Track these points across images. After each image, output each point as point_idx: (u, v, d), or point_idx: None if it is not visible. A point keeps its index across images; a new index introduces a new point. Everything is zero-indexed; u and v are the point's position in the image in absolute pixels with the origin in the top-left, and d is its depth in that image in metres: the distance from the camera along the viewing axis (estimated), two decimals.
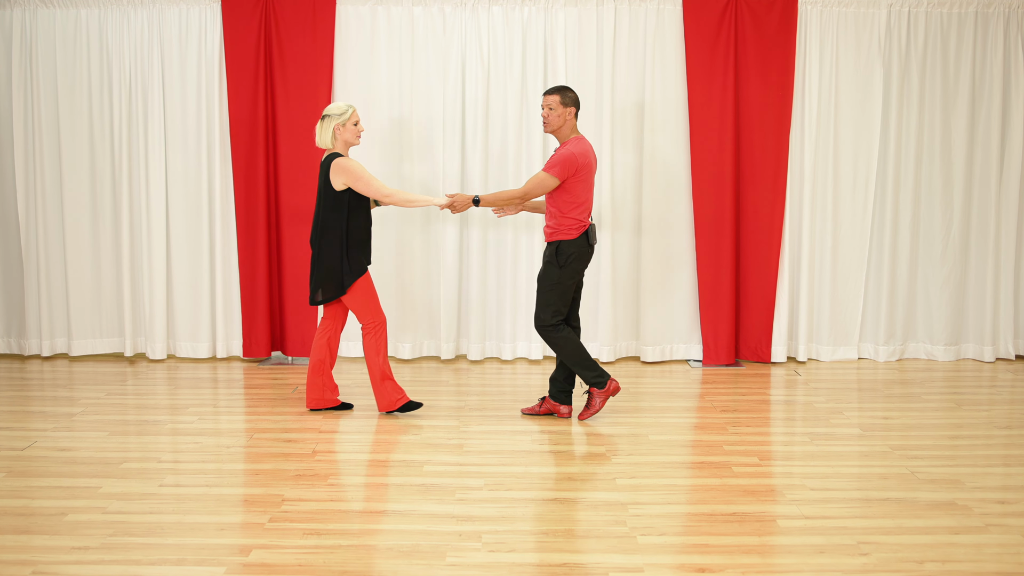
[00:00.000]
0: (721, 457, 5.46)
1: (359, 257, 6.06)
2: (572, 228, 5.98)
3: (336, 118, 6.01)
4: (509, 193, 6.08)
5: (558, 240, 6.00)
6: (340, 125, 6.01)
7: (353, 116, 6.03)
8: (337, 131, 6.02)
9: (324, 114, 6.04)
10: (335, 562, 4.04)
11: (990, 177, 7.84)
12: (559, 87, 6.05)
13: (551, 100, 5.99)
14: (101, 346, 8.00)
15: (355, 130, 6.05)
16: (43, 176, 7.77)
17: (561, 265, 6.00)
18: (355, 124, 6.05)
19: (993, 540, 4.28)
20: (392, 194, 5.99)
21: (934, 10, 7.74)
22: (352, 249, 6.03)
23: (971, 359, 8.05)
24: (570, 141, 6.01)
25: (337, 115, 6.01)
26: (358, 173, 5.93)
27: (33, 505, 4.66)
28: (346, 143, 6.06)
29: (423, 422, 6.13)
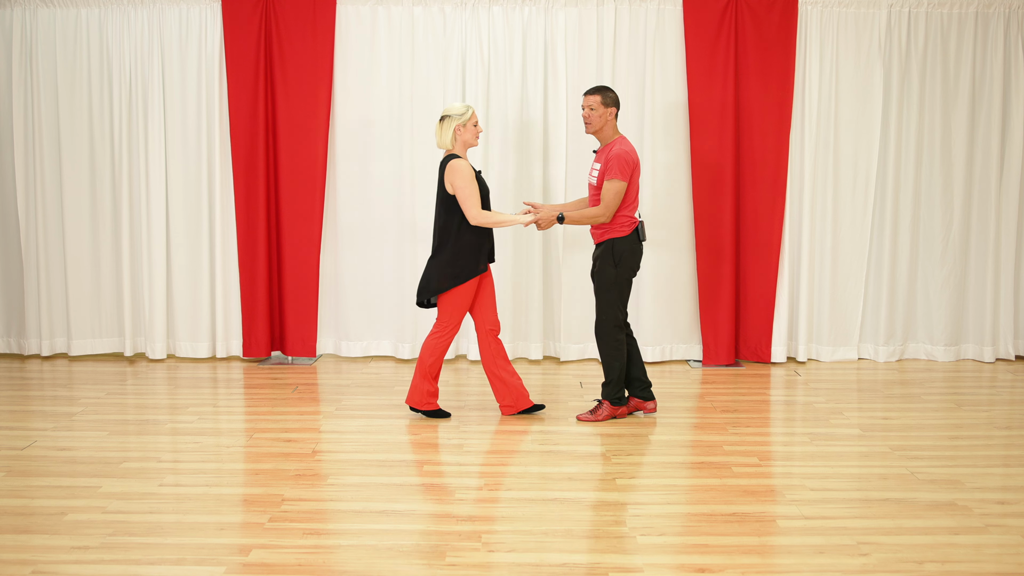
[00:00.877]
0: (721, 457, 5.46)
1: (469, 262, 5.94)
2: (624, 226, 6.03)
3: (457, 118, 5.91)
4: (594, 212, 5.98)
5: (610, 239, 6.02)
6: (460, 125, 5.92)
7: (473, 116, 5.95)
8: (458, 131, 5.93)
9: (444, 114, 5.94)
10: (335, 562, 4.04)
11: (990, 177, 7.84)
12: (600, 87, 6.07)
13: (592, 100, 6.01)
14: (101, 346, 8.00)
15: (475, 131, 5.97)
16: (43, 176, 7.77)
17: (616, 263, 6.02)
18: (475, 124, 5.97)
19: (993, 540, 4.29)
20: (479, 216, 5.85)
21: (934, 10, 7.74)
22: (463, 253, 5.93)
23: (971, 359, 8.04)
24: (615, 141, 6.04)
25: (458, 115, 5.91)
26: (462, 184, 5.83)
27: (33, 505, 4.67)
28: (465, 144, 5.98)
29: (423, 422, 6.13)
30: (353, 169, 7.79)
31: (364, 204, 7.80)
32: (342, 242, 7.85)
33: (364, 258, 7.84)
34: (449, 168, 5.87)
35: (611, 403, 6.20)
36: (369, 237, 7.83)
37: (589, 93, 6.05)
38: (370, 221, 7.82)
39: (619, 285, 6.06)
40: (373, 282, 7.88)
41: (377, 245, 7.84)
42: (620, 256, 6.03)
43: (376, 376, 7.40)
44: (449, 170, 5.87)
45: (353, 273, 7.88)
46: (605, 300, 6.09)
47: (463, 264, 5.93)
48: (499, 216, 5.96)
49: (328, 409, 6.46)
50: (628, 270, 6.08)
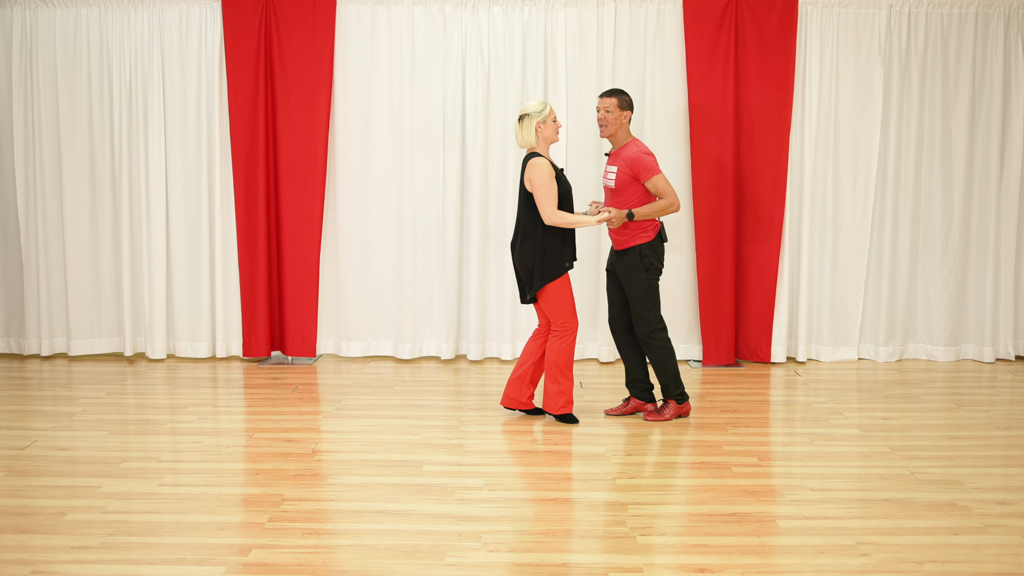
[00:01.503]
0: (721, 457, 5.46)
1: (555, 259, 5.91)
2: (648, 230, 6.03)
3: (537, 116, 5.88)
4: (662, 204, 5.96)
5: (636, 245, 6.02)
6: (541, 122, 5.89)
7: (551, 112, 5.92)
8: (539, 129, 5.90)
9: (523, 113, 5.90)
10: (334, 562, 4.04)
11: (990, 178, 7.84)
12: (616, 90, 6.07)
13: (609, 103, 6.00)
14: (101, 346, 8.00)
15: (555, 126, 5.94)
16: (43, 175, 7.77)
17: (646, 268, 6.04)
18: (554, 120, 5.94)
19: (993, 541, 4.29)
20: (553, 216, 5.80)
21: (934, 10, 7.74)
22: (549, 253, 5.90)
23: (971, 360, 8.04)
24: (630, 143, 6.05)
25: (537, 112, 5.88)
26: (542, 180, 5.79)
27: (33, 504, 4.67)
28: (547, 140, 5.94)
29: (423, 422, 6.13)
30: (353, 169, 7.79)
31: (364, 204, 7.79)
32: (342, 242, 7.85)
33: (364, 258, 7.84)
34: (530, 165, 5.84)
35: (676, 401, 6.23)
36: (369, 237, 7.83)
37: (605, 95, 6.04)
38: (370, 221, 7.82)
39: (652, 289, 6.09)
40: (373, 282, 7.88)
41: (377, 245, 7.84)
42: (649, 261, 6.04)
43: (376, 376, 7.40)
44: (530, 167, 5.84)
45: (353, 273, 7.88)
46: (642, 306, 6.09)
47: (549, 263, 5.90)
48: (574, 217, 5.90)
49: (328, 409, 6.46)
50: (657, 272, 6.10)
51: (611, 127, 6.03)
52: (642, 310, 6.10)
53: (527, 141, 5.93)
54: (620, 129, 6.05)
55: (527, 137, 5.91)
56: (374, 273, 7.87)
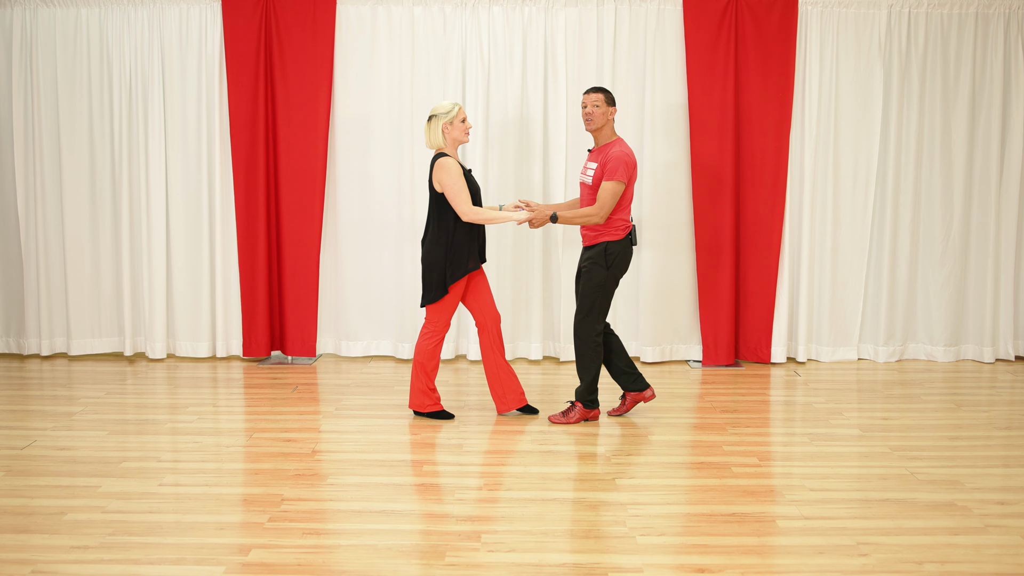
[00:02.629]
0: (721, 458, 5.46)
1: (462, 261, 5.94)
2: (619, 229, 6.00)
3: (443, 116, 5.90)
4: (588, 211, 5.93)
5: (604, 241, 6.00)
6: (448, 123, 5.91)
7: (460, 113, 5.94)
8: (446, 130, 5.92)
9: (431, 114, 5.93)
10: (334, 562, 4.04)
11: (990, 178, 7.84)
12: (601, 87, 6.11)
13: (596, 98, 6.00)
14: (100, 345, 8.00)
15: (463, 127, 5.96)
16: (43, 175, 7.77)
17: (608, 266, 5.99)
18: (463, 121, 5.95)
19: (992, 541, 4.29)
20: (471, 213, 5.84)
21: (934, 11, 7.74)
22: (458, 252, 5.92)
23: (971, 360, 8.04)
24: (614, 143, 6.03)
25: (444, 113, 5.91)
26: (452, 180, 5.83)
27: (32, 504, 4.67)
28: (455, 141, 5.97)
29: (423, 422, 6.13)
30: (353, 169, 7.79)
31: (364, 203, 7.80)
32: (342, 242, 7.85)
33: (364, 257, 7.84)
34: (437, 166, 5.87)
35: (584, 405, 6.18)
36: (369, 237, 7.83)
37: (593, 91, 6.04)
38: (370, 221, 7.82)
39: (606, 288, 6.03)
40: (373, 282, 7.88)
41: (377, 245, 7.84)
42: (612, 259, 6.00)
43: (376, 376, 7.40)
44: (437, 168, 5.87)
45: (353, 272, 7.88)
46: (590, 301, 6.04)
47: (457, 263, 5.92)
48: (492, 213, 5.96)
49: (328, 409, 6.46)
50: (618, 272, 6.06)
51: (597, 121, 6.00)
52: (588, 306, 6.04)
53: (434, 142, 5.96)
54: (606, 125, 6.04)
55: (434, 138, 5.94)
56: (374, 273, 7.87)
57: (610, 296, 6.08)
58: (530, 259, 7.76)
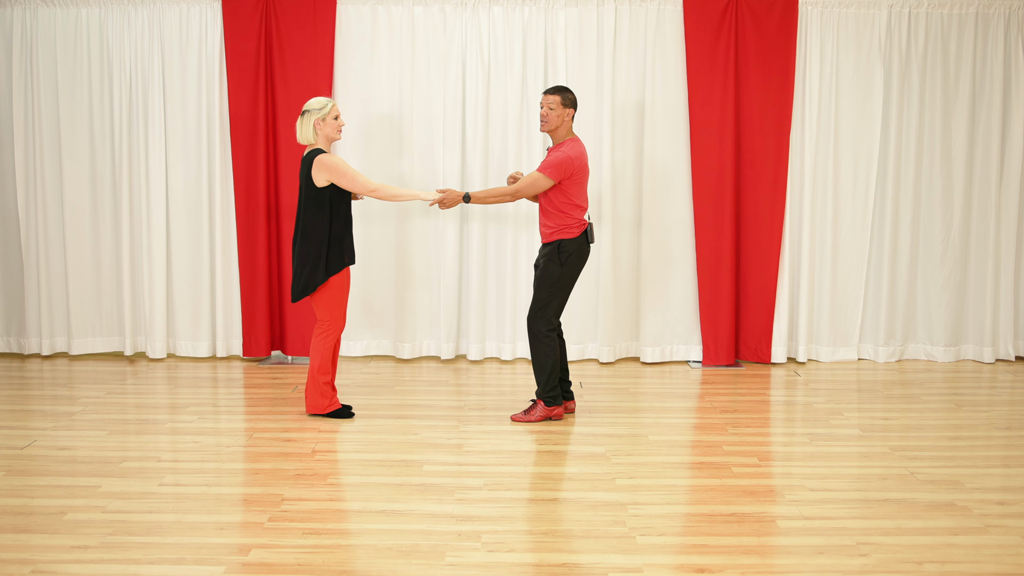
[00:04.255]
0: (721, 458, 5.46)
1: (339, 255, 5.97)
2: (572, 227, 6.03)
3: (316, 112, 5.91)
4: (500, 191, 6.09)
5: (559, 239, 6.03)
6: (320, 120, 5.92)
7: (333, 110, 5.94)
8: (317, 126, 5.93)
9: (304, 109, 5.94)
10: (334, 562, 4.04)
11: (990, 178, 7.84)
12: (560, 87, 6.07)
13: (552, 100, 6.01)
14: (101, 345, 8.00)
15: (336, 124, 5.96)
16: (43, 175, 7.77)
17: (562, 263, 6.01)
18: (335, 118, 5.96)
19: (992, 541, 4.29)
20: (378, 189, 5.93)
21: (934, 11, 7.74)
22: (333, 246, 5.95)
23: (971, 360, 8.04)
24: (566, 143, 6.04)
25: (316, 110, 5.92)
26: (342, 169, 5.87)
27: (32, 504, 4.67)
28: (327, 138, 5.98)
29: (422, 422, 6.13)
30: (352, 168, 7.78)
31: (363, 202, 7.78)
32: None
33: (364, 257, 7.82)
34: (317, 163, 5.85)
35: (545, 403, 6.19)
36: (369, 237, 7.82)
37: (550, 92, 6.05)
38: (370, 221, 7.81)
39: (562, 285, 6.06)
40: (373, 282, 7.88)
41: (377, 244, 7.83)
42: (567, 256, 6.03)
43: (376, 376, 7.40)
44: (319, 165, 5.85)
45: (353, 272, 7.86)
46: (545, 297, 6.08)
47: (334, 257, 5.94)
48: (398, 189, 6.05)
49: None
50: (573, 271, 6.08)
51: (552, 123, 6.04)
52: (543, 302, 6.08)
53: (306, 138, 5.97)
54: (561, 126, 6.06)
55: (305, 134, 5.96)
56: (374, 273, 7.87)
57: (566, 294, 6.12)
58: (529, 260, 7.75)
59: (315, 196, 5.93)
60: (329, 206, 5.93)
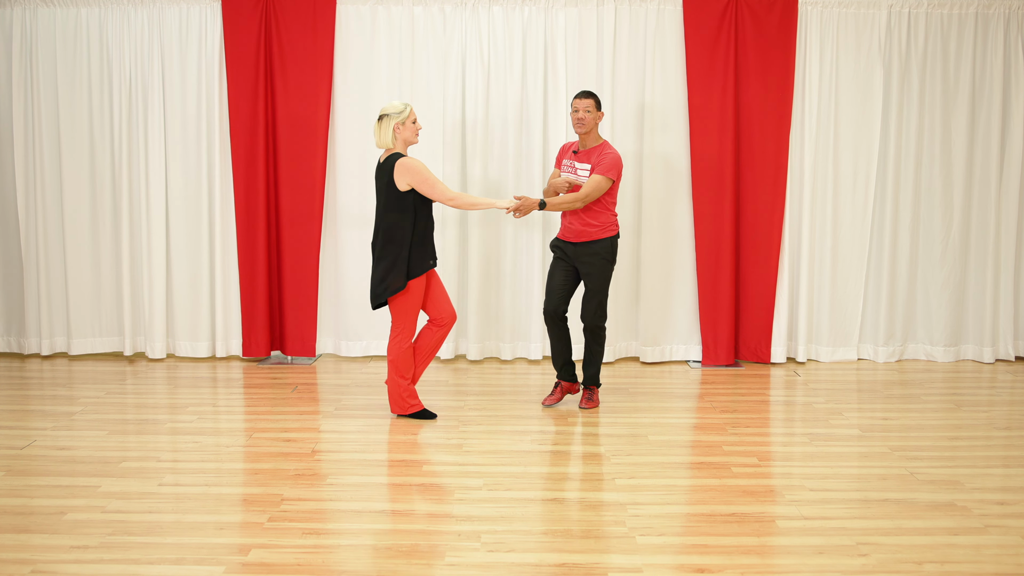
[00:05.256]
0: (720, 458, 5.46)
1: (422, 258, 5.96)
2: (615, 225, 6.35)
3: (395, 117, 5.91)
4: (571, 197, 6.20)
5: (608, 236, 6.31)
6: (400, 124, 5.91)
7: (412, 114, 5.95)
8: (397, 130, 5.92)
9: (382, 113, 5.93)
10: (334, 562, 4.04)
11: (990, 178, 7.84)
12: (591, 92, 6.36)
13: (588, 103, 6.24)
14: (100, 345, 8.00)
15: (414, 128, 5.97)
16: (43, 175, 7.77)
17: (613, 260, 6.35)
18: (414, 122, 5.97)
19: (992, 541, 4.29)
20: (456, 197, 5.92)
21: (934, 11, 7.74)
22: (415, 250, 5.93)
23: (971, 360, 8.04)
24: (604, 144, 6.33)
25: (396, 113, 5.91)
26: (424, 174, 5.85)
27: (32, 504, 4.67)
28: (406, 141, 5.97)
29: (423, 422, 6.13)
30: (353, 169, 7.78)
31: (363, 203, 7.79)
32: (342, 242, 7.85)
33: (364, 258, 7.83)
34: (401, 167, 5.85)
35: (596, 387, 6.58)
36: (369, 237, 7.81)
37: (585, 96, 6.25)
38: (370, 221, 7.80)
39: (609, 280, 6.40)
40: None
41: None
42: (615, 253, 6.37)
43: (376, 376, 7.40)
44: (402, 169, 5.85)
45: (353, 273, 7.88)
46: (602, 294, 6.36)
47: (413, 262, 5.93)
48: (476, 198, 6.07)
49: (327, 409, 6.46)
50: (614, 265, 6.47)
51: (588, 125, 6.26)
52: (603, 299, 6.36)
53: (384, 142, 5.96)
54: (595, 129, 6.32)
55: (384, 138, 5.95)
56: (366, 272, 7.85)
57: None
58: (530, 260, 7.75)
59: (397, 200, 5.92)
60: (413, 210, 5.92)
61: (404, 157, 5.90)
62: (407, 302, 6.01)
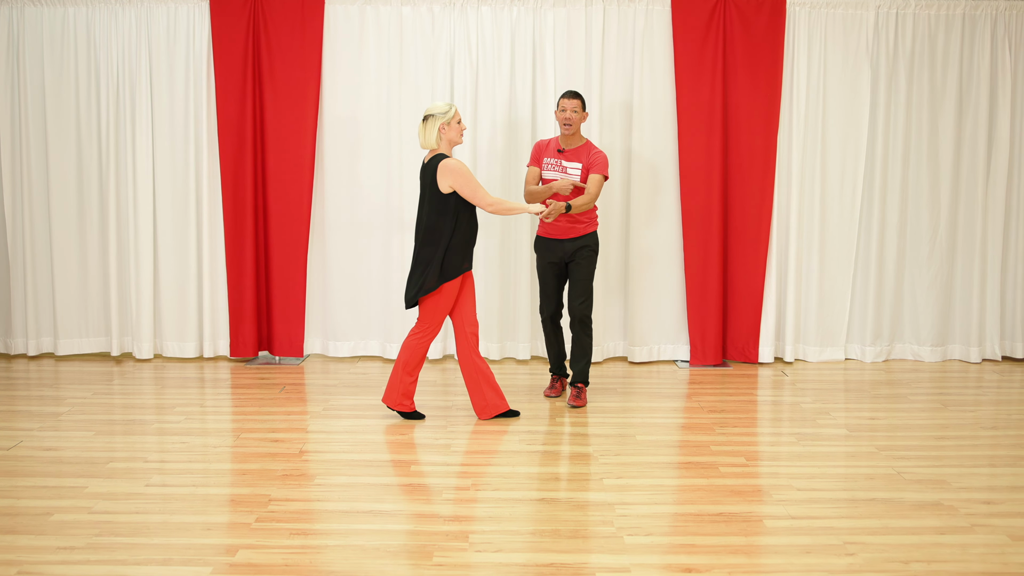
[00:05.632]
0: (708, 457, 5.47)
1: (456, 261, 5.93)
2: (597, 218, 6.64)
3: (441, 117, 5.89)
4: (587, 199, 6.33)
5: (594, 230, 6.58)
6: (445, 124, 5.90)
7: (457, 114, 5.94)
8: (442, 130, 5.91)
9: (427, 114, 5.91)
10: (322, 562, 4.03)
11: (977, 178, 7.87)
12: (578, 92, 6.53)
13: (575, 104, 6.44)
14: (87, 345, 7.97)
15: (459, 128, 5.97)
16: (30, 174, 7.74)
17: (598, 251, 6.65)
18: (459, 122, 5.96)
19: (979, 540, 4.30)
20: (495, 203, 5.90)
21: (922, 12, 7.76)
22: (453, 252, 5.91)
23: (957, 360, 8.07)
24: (589, 143, 6.57)
25: (441, 114, 5.89)
26: (467, 176, 5.84)
27: (19, 505, 4.65)
28: (451, 142, 5.97)
29: (411, 422, 6.13)
30: (341, 169, 7.78)
31: (352, 204, 7.79)
32: (330, 242, 7.84)
33: (352, 258, 7.83)
34: (444, 168, 5.84)
35: (585, 384, 6.66)
36: (357, 237, 7.82)
37: (573, 97, 6.44)
38: (358, 221, 7.81)
39: (594, 272, 6.62)
40: (361, 282, 7.87)
41: (365, 245, 7.83)
42: (599, 244, 6.65)
43: (364, 376, 7.39)
44: (445, 170, 5.83)
45: (341, 273, 7.87)
46: (591, 287, 6.56)
47: (451, 263, 5.92)
48: (512, 203, 6.01)
49: (315, 409, 6.45)
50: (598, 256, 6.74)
51: (576, 125, 6.45)
52: (590, 290, 6.57)
53: (428, 142, 5.95)
54: (580, 128, 6.53)
55: (429, 138, 5.94)
56: (362, 273, 7.86)
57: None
58: (518, 258, 7.75)
59: (440, 202, 5.90)
60: (455, 213, 5.90)
61: (448, 158, 5.88)
62: (438, 303, 6.00)
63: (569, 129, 6.41)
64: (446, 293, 5.98)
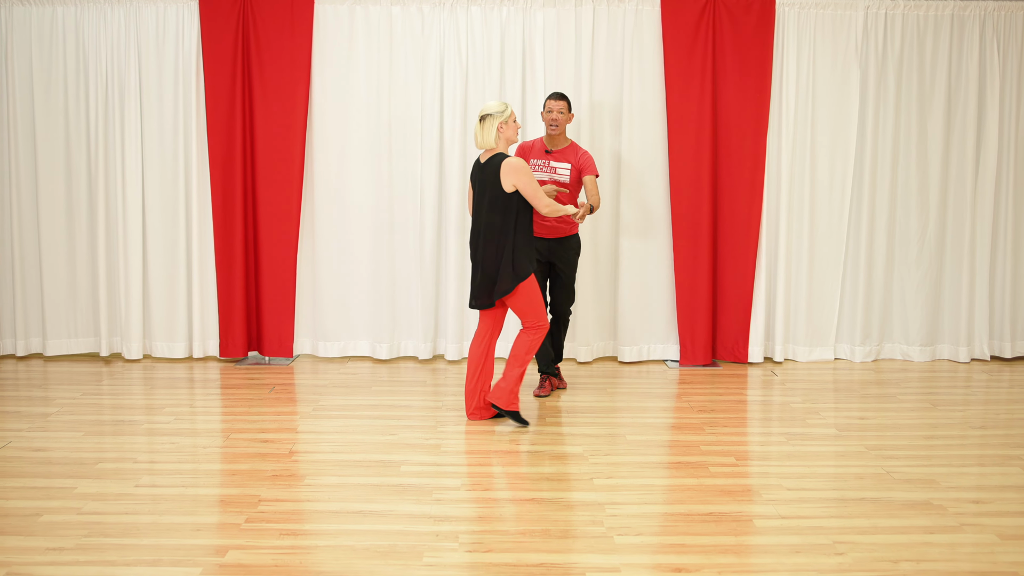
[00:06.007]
0: (698, 457, 5.48)
1: (524, 260, 5.90)
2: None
3: (499, 116, 5.86)
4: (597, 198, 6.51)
5: (576, 232, 6.76)
6: (503, 123, 5.88)
7: (512, 113, 5.92)
8: (500, 129, 5.89)
9: (484, 114, 5.87)
10: (312, 562, 4.03)
11: (965, 179, 7.90)
12: (564, 94, 6.64)
13: (561, 105, 6.55)
14: (76, 346, 7.94)
15: (515, 126, 5.95)
16: (18, 174, 7.71)
17: (579, 251, 6.83)
18: (515, 120, 5.94)
19: (967, 540, 4.31)
20: (550, 204, 5.86)
21: (911, 12, 7.79)
22: (519, 251, 5.89)
23: (946, 360, 8.09)
24: (574, 143, 6.72)
25: (499, 113, 5.86)
26: (531, 177, 5.81)
27: (7, 506, 4.63)
28: (508, 140, 5.94)
29: (401, 423, 6.13)
30: (331, 169, 7.77)
31: (342, 204, 7.78)
32: (319, 242, 7.83)
33: (342, 258, 7.82)
34: (508, 167, 5.80)
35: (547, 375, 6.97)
36: (347, 237, 7.81)
37: (560, 98, 6.55)
38: (348, 221, 7.80)
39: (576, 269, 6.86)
40: (350, 282, 7.86)
41: (355, 245, 7.82)
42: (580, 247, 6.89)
43: (353, 376, 7.39)
44: (509, 169, 5.79)
45: (330, 273, 7.86)
46: (573, 282, 6.83)
47: (520, 264, 5.89)
48: (560, 206, 5.98)
49: (305, 409, 6.44)
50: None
51: (562, 126, 6.58)
52: (573, 286, 6.84)
53: (487, 142, 5.93)
54: (565, 129, 6.64)
55: (487, 138, 5.92)
56: (351, 273, 7.85)
57: None
58: None
59: (503, 201, 5.87)
60: (515, 212, 5.88)
61: (511, 157, 5.86)
62: (528, 295, 5.95)
63: (555, 130, 6.52)
64: (530, 287, 5.94)
